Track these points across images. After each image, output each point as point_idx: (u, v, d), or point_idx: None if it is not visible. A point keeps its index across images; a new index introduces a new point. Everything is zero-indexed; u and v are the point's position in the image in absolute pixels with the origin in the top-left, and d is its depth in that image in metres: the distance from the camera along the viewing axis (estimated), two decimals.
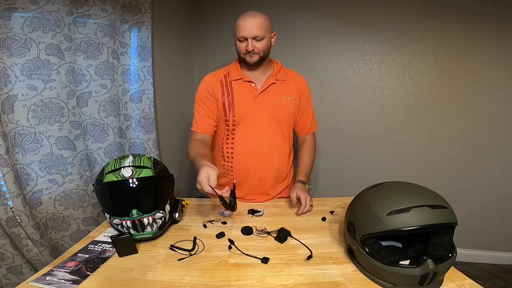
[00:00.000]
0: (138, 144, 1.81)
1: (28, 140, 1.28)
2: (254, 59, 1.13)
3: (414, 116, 2.00)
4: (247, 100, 1.19)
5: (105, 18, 1.48)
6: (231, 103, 1.18)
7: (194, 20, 2.30)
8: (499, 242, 2.06)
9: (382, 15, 1.90)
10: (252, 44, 1.08)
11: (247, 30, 1.07)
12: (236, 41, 1.13)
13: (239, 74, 1.20)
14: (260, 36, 1.08)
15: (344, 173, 2.21)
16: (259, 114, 1.19)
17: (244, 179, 1.24)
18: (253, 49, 1.09)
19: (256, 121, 1.19)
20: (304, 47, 2.05)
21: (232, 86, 1.20)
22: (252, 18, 1.07)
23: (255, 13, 1.09)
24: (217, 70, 1.26)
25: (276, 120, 1.21)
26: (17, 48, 1.19)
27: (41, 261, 1.30)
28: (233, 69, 1.22)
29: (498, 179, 1.96)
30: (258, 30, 1.07)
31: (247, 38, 1.08)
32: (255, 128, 1.19)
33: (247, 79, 1.19)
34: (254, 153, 1.21)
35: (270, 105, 1.19)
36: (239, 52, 1.14)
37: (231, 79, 1.20)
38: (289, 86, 1.23)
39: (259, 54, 1.12)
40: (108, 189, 0.89)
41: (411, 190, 0.71)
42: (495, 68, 1.82)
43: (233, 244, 0.88)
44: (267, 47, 1.14)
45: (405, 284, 0.66)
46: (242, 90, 1.19)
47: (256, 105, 1.18)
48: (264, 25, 1.08)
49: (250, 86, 1.19)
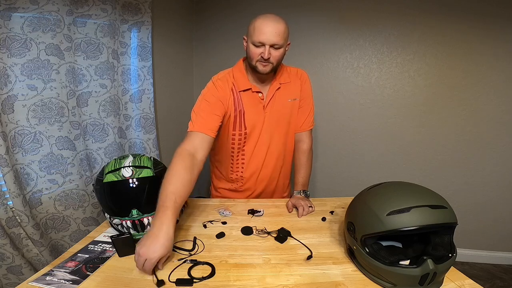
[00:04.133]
0: (138, 144, 1.81)
1: (28, 140, 1.28)
2: (267, 68, 1.02)
3: (414, 116, 2.00)
4: (257, 113, 1.14)
5: (105, 18, 1.47)
6: (242, 116, 1.11)
7: (194, 20, 2.30)
8: (499, 242, 2.06)
9: (382, 15, 1.90)
10: (269, 52, 0.97)
11: (267, 35, 0.95)
12: (250, 45, 1.00)
13: (246, 83, 1.10)
14: (279, 45, 0.98)
15: (344, 173, 2.21)
16: (268, 123, 1.16)
17: (256, 186, 1.25)
18: (269, 57, 0.98)
19: (265, 130, 1.17)
20: (304, 47, 2.05)
21: (242, 98, 1.10)
22: (274, 23, 0.96)
23: (277, 18, 0.98)
24: (223, 74, 1.13)
25: (282, 124, 1.20)
26: (17, 48, 1.19)
27: (41, 261, 1.30)
28: (240, 77, 1.11)
29: (498, 179, 1.96)
30: (278, 37, 0.96)
31: (265, 44, 0.97)
32: (264, 137, 1.18)
33: (255, 89, 1.11)
34: (263, 160, 1.21)
35: (277, 111, 1.17)
36: (251, 59, 1.02)
37: (239, 89, 1.10)
38: (292, 87, 1.18)
39: (273, 64, 1.02)
40: (108, 189, 0.89)
41: (411, 190, 0.71)
42: (495, 68, 1.82)
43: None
44: (282, 57, 1.04)
45: (405, 284, 0.66)
46: (252, 102, 1.12)
47: (265, 113, 1.16)
48: (286, 33, 0.99)
49: (258, 97, 1.12)
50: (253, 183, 1.26)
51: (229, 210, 1.10)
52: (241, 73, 1.12)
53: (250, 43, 1.00)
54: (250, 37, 1.00)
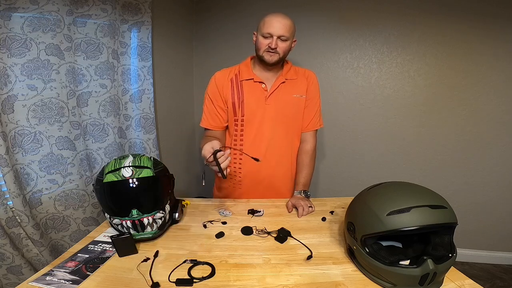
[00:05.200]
0: (138, 144, 1.81)
1: (28, 140, 1.28)
2: (274, 58, 1.12)
3: (414, 116, 2.00)
4: (257, 101, 1.18)
5: (105, 18, 1.47)
6: (241, 102, 1.18)
7: (194, 20, 2.30)
8: (499, 242, 2.06)
9: (382, 15, 1.90)
10: (276, 42, 1.08)
11: (275, 27, 1.07)
12: (259, 37, 1.11)
13: (250, 74, 1.20)
14: (285, 37, 1.08)
15: (344, 173, 2.21)
16: (269, 114, 1.19)
17: (255, 179, 1.25)
18: (276, 47, 1.09)
19: (266, 121, 1.19)
20: (304, 47, 2.05)
21: (243, 86, 1.19)
22: (282, 18, 1.08)
23: (285, 15, 1.10)
24: (228, 68, 1.25)
25: (285, 119, 1.21)
26: (17, 48, 1.19)
27: (41, 261, 1.30)
28: (244, 69, 1.21)
29: (498, 179, 1.97)
30: (285, 30, 1.08)
31: (273, 35, 1.08)
32: (264, 128, 1.19)
33: (258, 79, 1.19)
34: (264, 153, 1.21)
35: (280, 105, 1.19)
36: (259, 49, 1.12)
37: (241, 78, 1.20)
38: (299, 84, 1.22)
39: (279, 55, 1.11)
40: (108, 189, 0.89)
41: (411, 190, 0.71)
42: (495, 68, 1.82)
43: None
44: (288, 50, 1.14)
45: (405, 284, 0.66)
46: (252, 91, 1.19)
47: (267, 105, 1.18)
48: (292, 28, 1.10)
49: (261, 87, 1.19)
50: (253, 178, 1.25)
51: (229, 210, 1.10)
52: (247, 66, 1.22)
53: (260, 35, 1.11)
54: (259, 30, 1.11)
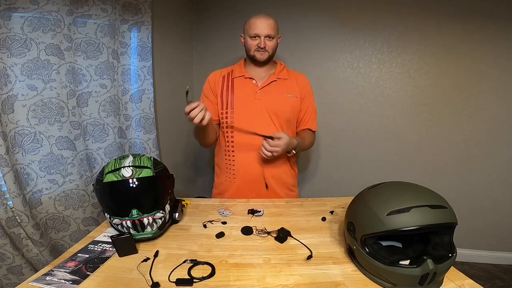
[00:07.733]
0: (138, 144, 1.81)
1: (28, 140, 1.28)
2: (265, 56, 1.19)
3: (414, 116, 2.00)
4: (247, 96, 1.22)
5: (105, 18, 1.47)
6: (231, 97, 1.23)
7: (194, 20, 2.30)
8: (499, 242, 2.06)
9: (382, 15, 1.90)
10: (264, 42, 1.16)
11: (261, 28, 1.15)
12: (248, 39, 1.19)
13: (241, 71, 1.27)
14: (271, 35, 1.17)
15: (344, 173, 2.21)
16: (259, 110, 1.22)
17: (248, 175, 1.26)
18: (265, 46, 1.17)
19: (256, 117, 1.21)
20: (304, 47, 2.05)
21: (234, 82, 1.26)
22: (265, 19, 1.16)
23: (266, 15, 1.18)
24: (224, 68, 1.33)
25: (277, 117, 1.23)
26: (17, 48, 1.19)
27: (41, 261, 1.30)
28: (237, 68, 1.30)
29: (498, 179, 1.97)
30: (271, 29, 1.16)
31: (260, 36, 1.16)
32: (255, 123, 1.20)
33: (248, 76, 1.25)
34: (255, 149, 1.21)
35: (271, 102, 1.22)
36: (249, 50, 1.20)
37: (233, 76, 1.28)
38: (290, 84, 1.27)
39: (269, 52, 1.19)
40: (108, 189, 0.89)
41: (411, 190, 0.71)
42: (495, 68, 1.82)
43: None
44: (276, 47, 1.22)
45: (405, 284, 0.66)
46: (242, 86, 1.25)
47: (257, 100, 1.22)
48: (276, 26, 1.19)
49: (251, 83, 1.25)
50: (245, 169, 1.26)
51: (229, 210, 1.10)
52: (240, 66, 1.30)
53: (247, 37, 1.19)
54: (246, 32, 1.20)
